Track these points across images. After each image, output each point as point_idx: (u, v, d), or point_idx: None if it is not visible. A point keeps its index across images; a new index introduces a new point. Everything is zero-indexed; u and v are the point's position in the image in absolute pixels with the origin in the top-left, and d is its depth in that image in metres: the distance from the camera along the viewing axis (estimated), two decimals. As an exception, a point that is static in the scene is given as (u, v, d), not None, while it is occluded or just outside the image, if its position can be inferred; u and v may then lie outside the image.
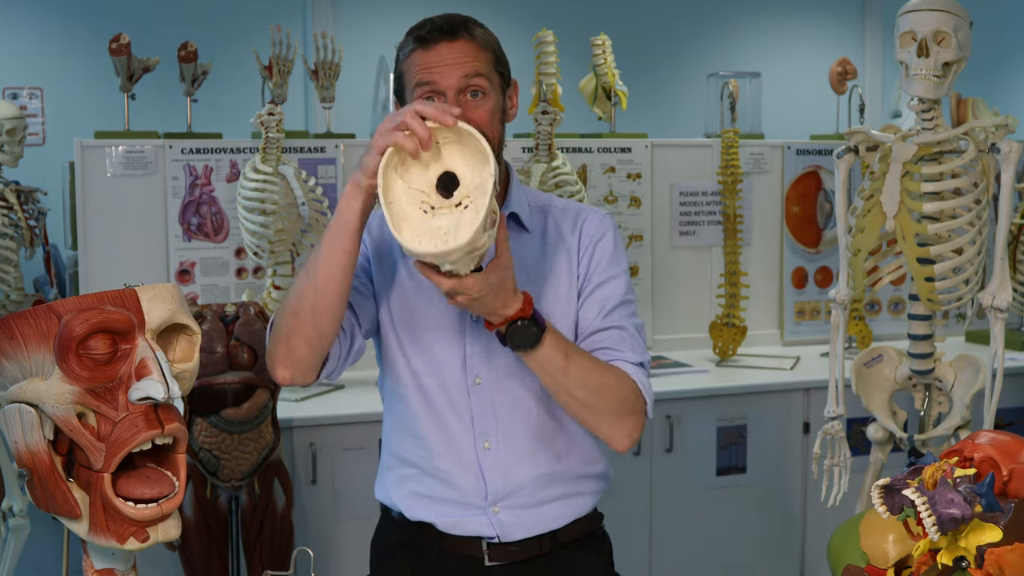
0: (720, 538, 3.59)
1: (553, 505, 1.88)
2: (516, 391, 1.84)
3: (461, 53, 1.77)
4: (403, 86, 1.82)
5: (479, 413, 1.84)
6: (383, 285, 1.88)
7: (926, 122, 2.45)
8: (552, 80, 3.86)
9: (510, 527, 1.85)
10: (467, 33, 1.79)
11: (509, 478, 1.84)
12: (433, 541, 1.88)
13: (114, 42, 3.43)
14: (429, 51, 1.77)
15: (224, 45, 5.85)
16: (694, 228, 4.08)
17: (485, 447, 1.84)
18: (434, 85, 1.75)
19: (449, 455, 1.85)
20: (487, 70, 1.80)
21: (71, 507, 1.19)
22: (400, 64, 1.82)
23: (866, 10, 8.53)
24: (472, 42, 1.79)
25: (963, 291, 2.52)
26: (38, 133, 6.79)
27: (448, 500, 1.86)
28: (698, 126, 4.54)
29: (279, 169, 3.31)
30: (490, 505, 1.85)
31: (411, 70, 1.79)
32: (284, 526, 2.96)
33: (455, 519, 1.86)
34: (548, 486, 1.87)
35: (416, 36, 1.79)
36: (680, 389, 3.53)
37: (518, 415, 1.85)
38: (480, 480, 1.84)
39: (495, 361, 1.83)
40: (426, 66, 1.76)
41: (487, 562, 1.85)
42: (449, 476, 1.85)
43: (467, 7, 2.24)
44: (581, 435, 1.90)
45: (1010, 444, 1.29)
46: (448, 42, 1.77)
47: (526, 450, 1.85)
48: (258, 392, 2.87)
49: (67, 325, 1.15)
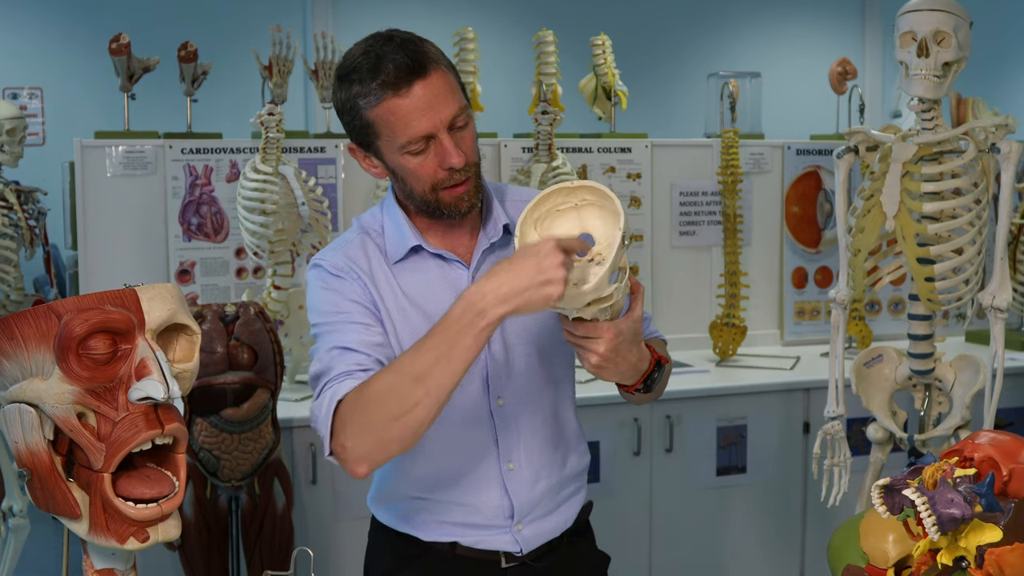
0: (720, 538, 3.59)
1: (562, 508, 1.88)
2: (535, 406, 1.83)
3: (440, 89, 1.66)
4: (375, 136, 1.70)
5: (503, 434, 1.81)
6: (390, 320, 1.77)
7: (926, 122, 2.45)
8: (552, 80, 3.87)
9: (531, 539, 1.84)
10: (434, 63, 1.67)
11: (533, 493, 1.83)
12: (447, 551, 1.85)
13: (114, 42, 3.43)
14: (406, 97, 1.64)
15: (224, 45, 5.86)
16: (694, 228, 4.08)
17: (509, 467, 1.81)
18: (424, 133, 1.66)
19: (470, 480, 1.81)
20: (460, 95, 1.70)
21: (71, 507, 1.19)
22: (365, 113, 1.67)
23: (866, 10, 8.53)
24: (440, 70, 1.67)
25: (963, 291, 2.52)
26: (38, 133, 6.79)
27: (470, 524, 1.83)
28: (698, 126, 4.54)
29: (279, 169, 3.31)
30: (515, 523, 1.83)
31: (388, 122, 1.66)
32: (284, 526, 2.96)
33: (477, 538, 1.83)
34: (560, 491, 1.87)
35: (382, 82, 1.64)
36: (680, 389, 3.52)
37: (536, 429, 1.83)
38: (505, 500, 1.82)
39: (515, 380, 1.81)
40: (408, 117, 1.65)
41: (503, 564, 1.85)
42: (470, 500, 1.82)
43: (467, 7, 2.24)
44: (574, 432, 1.92)
45: (1010, 444, 1.29)
46: (422, 81, 1.64)
47: (543, 462, 1.84)
48: (258, 392, 2.87)
49: (67, 325, 1.15)
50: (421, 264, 1.79)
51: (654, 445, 3.48)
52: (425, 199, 1.72)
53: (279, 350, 2.94)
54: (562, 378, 1.88)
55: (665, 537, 3.52)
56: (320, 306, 1.75)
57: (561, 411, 1.87)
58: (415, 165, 1.69)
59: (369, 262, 1.78)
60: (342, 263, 1.76)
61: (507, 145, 3.86)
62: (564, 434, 1.88)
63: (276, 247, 3.29)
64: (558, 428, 1.87)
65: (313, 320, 1.77)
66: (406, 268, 1.79)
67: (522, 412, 1.82)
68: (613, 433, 3.39)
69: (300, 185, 3.35)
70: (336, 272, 1.76)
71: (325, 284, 1.76)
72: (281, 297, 3.35)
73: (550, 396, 1.85)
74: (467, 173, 1.71)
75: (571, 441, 1.90)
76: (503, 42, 6.78)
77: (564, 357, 1.87)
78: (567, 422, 1.89)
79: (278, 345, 2.95)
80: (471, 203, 1.74)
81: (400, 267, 1.79)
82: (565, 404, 1.89)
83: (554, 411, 1.86)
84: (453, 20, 5.28)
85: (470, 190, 1.73)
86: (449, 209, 1.73)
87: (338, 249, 1.80)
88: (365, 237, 1.81)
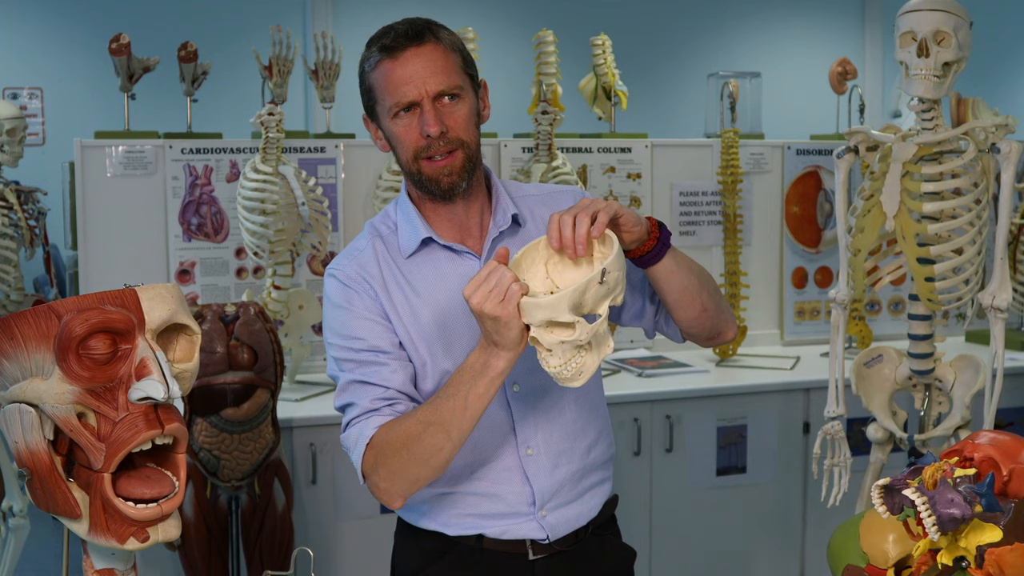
0: (720, 538, 3.59)
1: (586, 497, 1.89)
2: (553, 392, 1.84)
3: (431, 59, 1.71)
4: (374, 101, 1.77)
5: (520, 421, 1.82)
6: (400, 322, 1.80)
7: (926, 122, 2.45)
8: (552, 80, 3.87)
9: (557, 526, 1.85)
10: (433, 36, 1.73)
11: (553, 479, 1.84)
12: (474, 545, 1.86)
13: (114, 42, 3.43)
14: (397, 60, 1.71)
15: (224, 45, 5.86)
16: (694, 228, 4.08)
17: (528, 453, 1.83)
18: (410, 99, 1.71)
19: (491, 469, 1.83)
20: (459, 72, 1.75)
21: (71, 507, 1.19)
22: (367, 77, 1.76)
23: (866, 10, 8.53)
24: (440, 44, 1.73)
25: (963, 291, 2.52)
26: (38, 133, 6.79)
27: (494, 514, 1.84)
28: (698, 126, 4.54)
29: (279, 169, 3.31)
30: (538, 510, 1.84)
31: (381, 84, 1.73)
32: (284, 526, 2.96)
33: (503, 528, 1.85)
34: (583, 479, 1.88)
35: (381, 46, 1.73)
36: (680, 389, 3.53)
37: (555, 415, 1.85)
38: (526, 487, 1.83)
39: (529, 365, 1.80)
40: (397, 80, 1.71)
41: (531, 556, 1.86)
42: (493, 490, 1.83)
43: (467, 8, 2.24)
44: (602, 422, 1.93)
45: (1010, 444, 1.29)
46: (416, 48, 1.71)
47: (564, 449, 1.85)
48: (258, 392, 2.87)
49: (67, 325, 1.15)
50: (432, 257, 1.82)
51: (654, 445, 3.48)
52: (409, 169, 1.78)
53: (279, 350, 2.94)
54: None
55: (665, 537, 3.51)
56: (335, 326, 1.80)
57: (583, 399, 1.88)
58: (400, 130, 1.74)
59: (380, 268, 1.81)
60: (354, 272, 1.81)
61: (507, 145, 3.86)
62: (587, 422, 1.89)
63: (276, 247, 3.29)
64: (579, 415, 1.88)
65: (329, 339, 1.81)
66: (417, 262, 1.82)
67: (538, 397, 1.83)
68: (613, 433, 3.38)
69: (300, 185, 3.35)
70: (349, 283, 1.80)
71: (338, 300, 1.80)
72: (281, 297, 3.35)
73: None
74: (448, 145, 1.73)
75: (596, 430, 1.91)
76: (503, 42, 6.78)
77: None
78: (591, 410, 1.90)
79: (278, 345, 2.95)
80: (453, 180, 1.76)
81: (412, 261, 1.82)
82: (588, 392, 1.89)
83: (575, 398, 1.86)
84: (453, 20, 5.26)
85: (453, 165, 1.75)
86: (430, 183, 1.76)
87: (352, 257, 1.83)
88: (376, 239, 1.84)
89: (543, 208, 1.90)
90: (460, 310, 1.78)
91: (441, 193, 1.77)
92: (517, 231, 1.86)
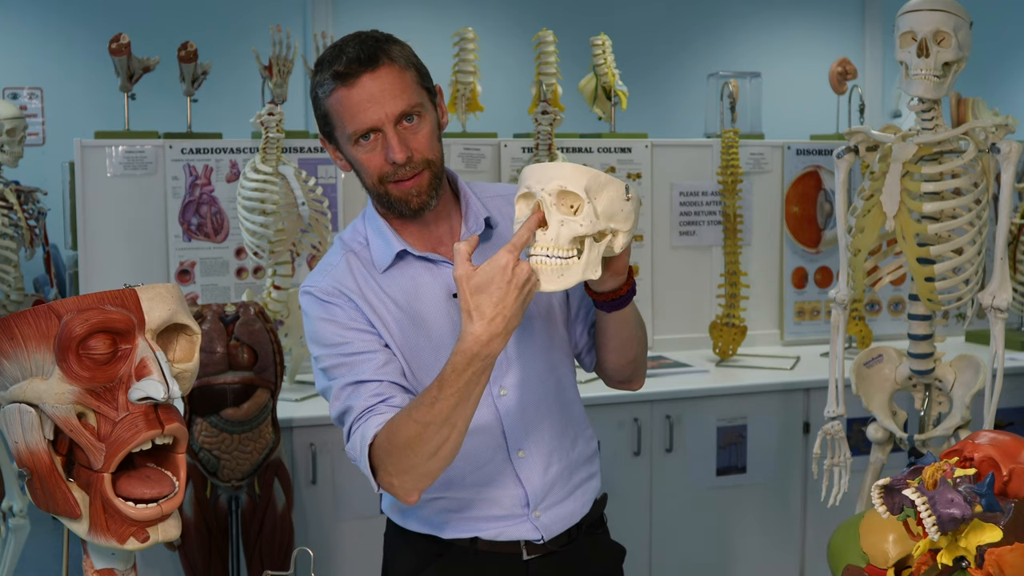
0: (720, 538, 3.59)
1: (577, 493, 1.90)
2: (538, 392, 1.84)
3: (387, 81, 1.68)
4: (331, 127, 1.74)
5: (509, 424, 1.82)
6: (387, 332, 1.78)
7: (926, 122, 2.45)
8: (552, 80, 3.87)
9: (551, 526, 1.86)
10: (387, 57, 1.69)
11: (545, 479, 1.84)
12: (468, 547, 1.86)
13: (114, 42, 3.43)
14: (353, 88, 1.68)
15: (224, 45, 5.87)
16: (694, 228, 4.08)
17: (520, 456, 1.83)
18: (369, 125, 1.68)
19: (484, 473, 1.82)
20: (416, 89, 1.71)
21: (71, 507, 1.19)
22: (322, 103, 1.72)
23: (866, 10, 8.54)
24: (395, 65, 1.69)
25: (963, 291, 2.52)
26: (38, 133, 6.79)
27: (489, 517, 1.84)
28: (698, 126, 4.54)
29: (279, 169, 3.31)
30: (531, 511, 1.84)
31: (338, 112, 1.70)
32: (284, 526, 2.96)
33: (498, 530, 1.85)
34: (572, 475, 1.89)
35: (334, 72, 1.68)
36: (680, 389, 3.53)
37: (541, 415, 1.85)
38: (519, 489, 1.83)
39: (514, 369, 1.82)
40: (355, 107, 1.68)
41: (525, 556, 1.86)
42: (486, 493, 1.83)
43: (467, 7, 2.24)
44: (579, 415, 1.94)
45: (1010, 444, 1.29)
46: (371, 73, 1.67)
47: (552, 447, 1.86)
48: (258, 392, 2.87)
49: (67, 325, 1.15)
50: (408, 270, 1.80)
51: (654, 445, 3.48)
52: (376, 191, 1.76)
53: (279, 350, 2.95)
54: (559, 363, 1.89)
55: (665, 537, 3.51)
56: (320, 338, 1.78)
57: (563, 395, 1.89)
58: (363, 156, 1.72)
59: (356, 281, 1.79)
60: (331, 287, 1.78)
61: (507, 145, 3.86)
62: (569, 418, 1.90)
63: (276, 247, 3.29)
64: (562, 412, 1.89)
65: (316, 352, 1.78)
66: (394, 275, 1.80)
67: (525, 399, 1.83)
68: (613, 433, 3.39)
69: (300, 185, 3.35)
70: (327, 299, 1.78)
71: (319, 314, 1.78)
72: (281, 297, 3.35)
73: (550, 381, 1.86)
74: (415, 169, 1.72)
75: (577, 424, 1.92)
76: (503, 42, 6.78)
77: (559, 341, 1.89)
78: (570, 406, 1.91)
79: (278, 345, 2.95)
80: (422, 200, 1.74)
81: (388, 275, 1.80)
82: (566, 388, 1.91)
83: (556, 395, 1.87)
84: (453, 20, 5.28)
85: (421, 185, 1.73)
86: (399, 204, 1.75)
87: (325, 273, 1.81)
88: (349, 255, 1.82)
89: (511, 208, 1.89)
90: (444, 319, 1.78)
91: (411, 213, 1.76)
92: (491, 234, 1.85)
